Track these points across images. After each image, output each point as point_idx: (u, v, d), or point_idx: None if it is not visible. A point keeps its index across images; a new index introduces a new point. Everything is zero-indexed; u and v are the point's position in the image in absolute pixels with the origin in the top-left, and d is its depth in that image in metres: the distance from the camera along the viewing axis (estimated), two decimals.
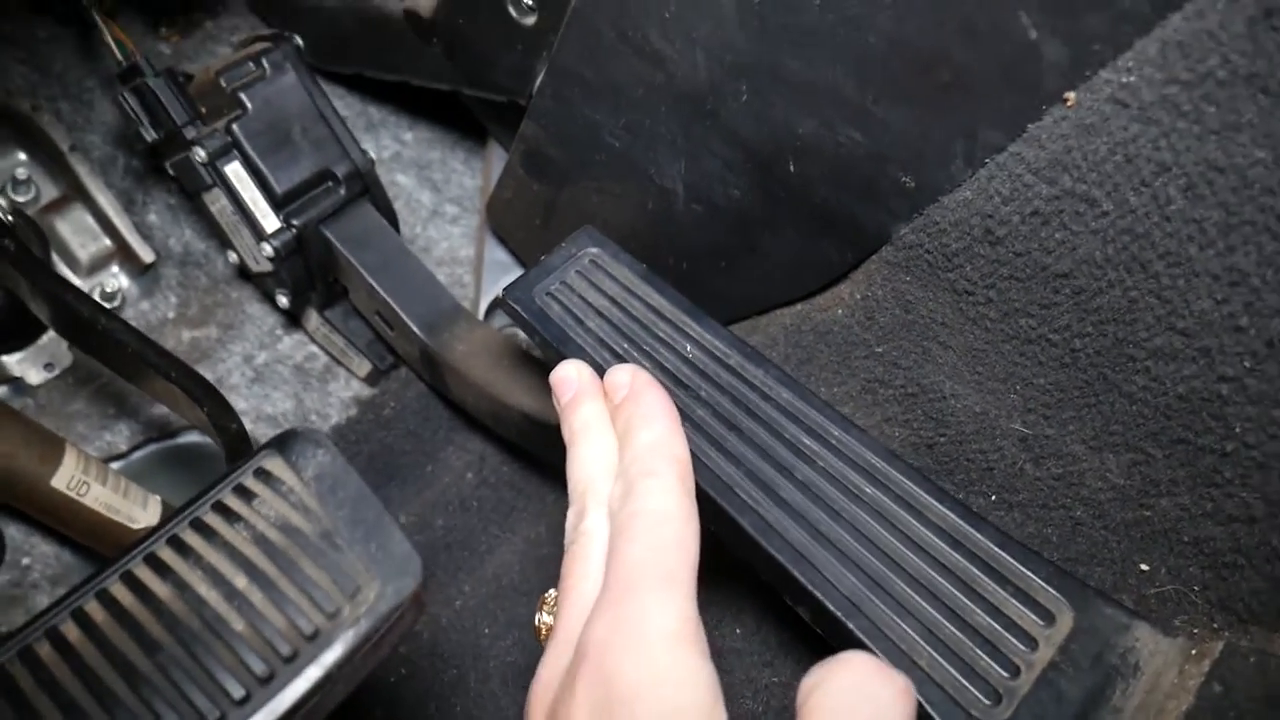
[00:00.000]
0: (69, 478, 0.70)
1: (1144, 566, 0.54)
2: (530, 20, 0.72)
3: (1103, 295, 0.50)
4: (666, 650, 0.39)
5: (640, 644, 0.39)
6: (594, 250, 0.65)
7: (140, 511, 0.74)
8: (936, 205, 0.56)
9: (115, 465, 0.82)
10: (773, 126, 0.61)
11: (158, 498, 0.76)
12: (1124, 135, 0.46)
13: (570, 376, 0.54)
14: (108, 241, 0.89)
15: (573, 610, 0.44)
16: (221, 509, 0.45)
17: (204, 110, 0.80)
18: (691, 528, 0.45)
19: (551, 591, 0.52)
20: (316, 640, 0.41)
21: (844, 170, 0.59)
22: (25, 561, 0.76)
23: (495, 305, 0.93)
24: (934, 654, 0.48)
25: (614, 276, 0.64)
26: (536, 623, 0.52)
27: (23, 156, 0.89)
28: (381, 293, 0.81)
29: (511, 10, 0.73)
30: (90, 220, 0.89)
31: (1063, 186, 0.49)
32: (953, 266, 0.57)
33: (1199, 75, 0.43)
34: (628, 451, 0.48)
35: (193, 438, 0.84)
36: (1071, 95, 0.48)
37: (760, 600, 0.67)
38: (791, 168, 0.61)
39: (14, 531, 0.76)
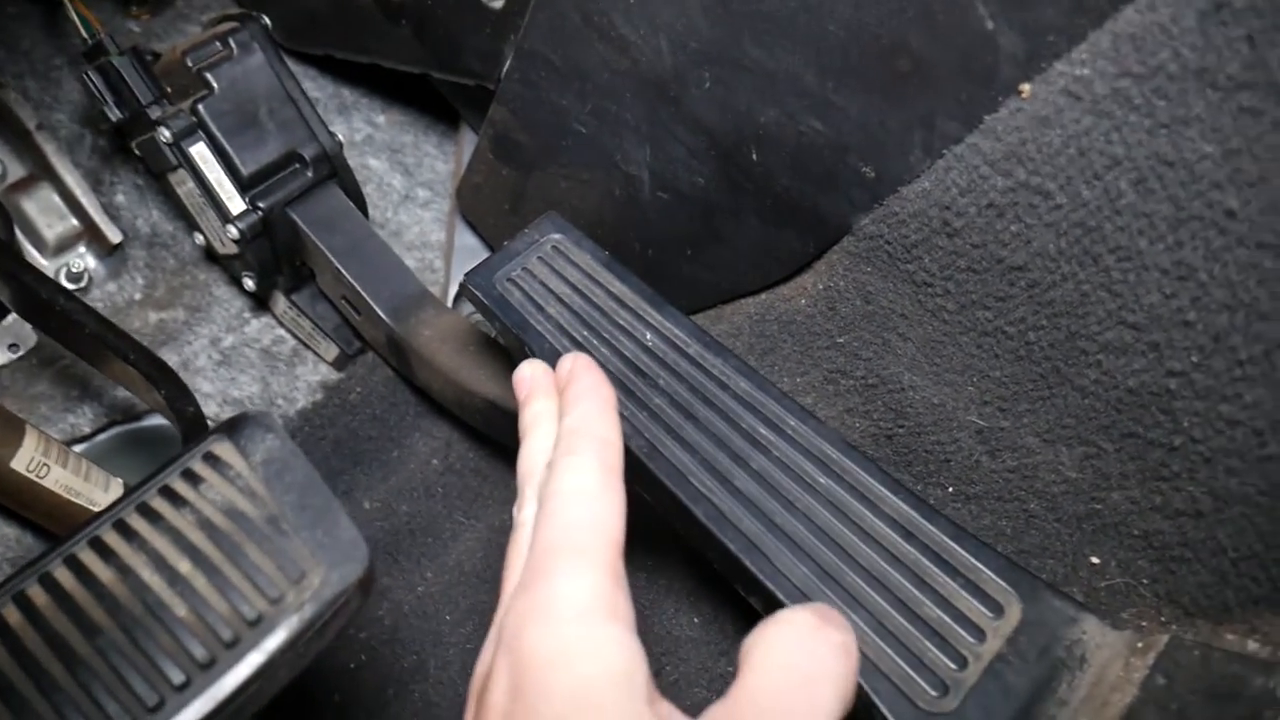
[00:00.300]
0: (28, 459, 0.70)
1: (1094, 559, 0.54)
2: (498, 3, 0.72)
3: (1056, 289, 0.50)
4: (576, 624, 0.39)
5: (548, 621, 0.39)
6: (557, 236, 0.65)
7: (101, 494, 0.73)
8: (896, 196, 0.56)
9: (78, 448, 0.81)
10: (735, 114, 0.61)
11: (119, 480, 0.75)
12: (1077, 128, 0.46)
13: (525, 375, 0.54)
14: (75, 222, 0.88)
15: (503, 599, 0.44)
16: (168, 493, 0.45)
17: (170, 90, 0.79)
18: (607, 503, 0.44)
19: None
20: (259, 626, 0.41)
21: (805, 159, 0.59)
22: None
23: (460, 289, 0.93)
24: (882, 645, 0.48)
25: (576, 263, 0.64)
26: None
27: None
28: (348, 277, 0.80)
29: None
30: (57, 200, 0.88)
31: (1017, 179, 0.49)
32: (912, 258, 0.57)
33: (1150, 69, 0.43)
34: (561, 435, 0.48)
35: (156, 421, 0.83)
36: (1027, 87, 0.48)
37: (717, 590, 0.68)
38: (754, 156, 0.61)
39: None
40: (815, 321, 0.66)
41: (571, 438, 0.47)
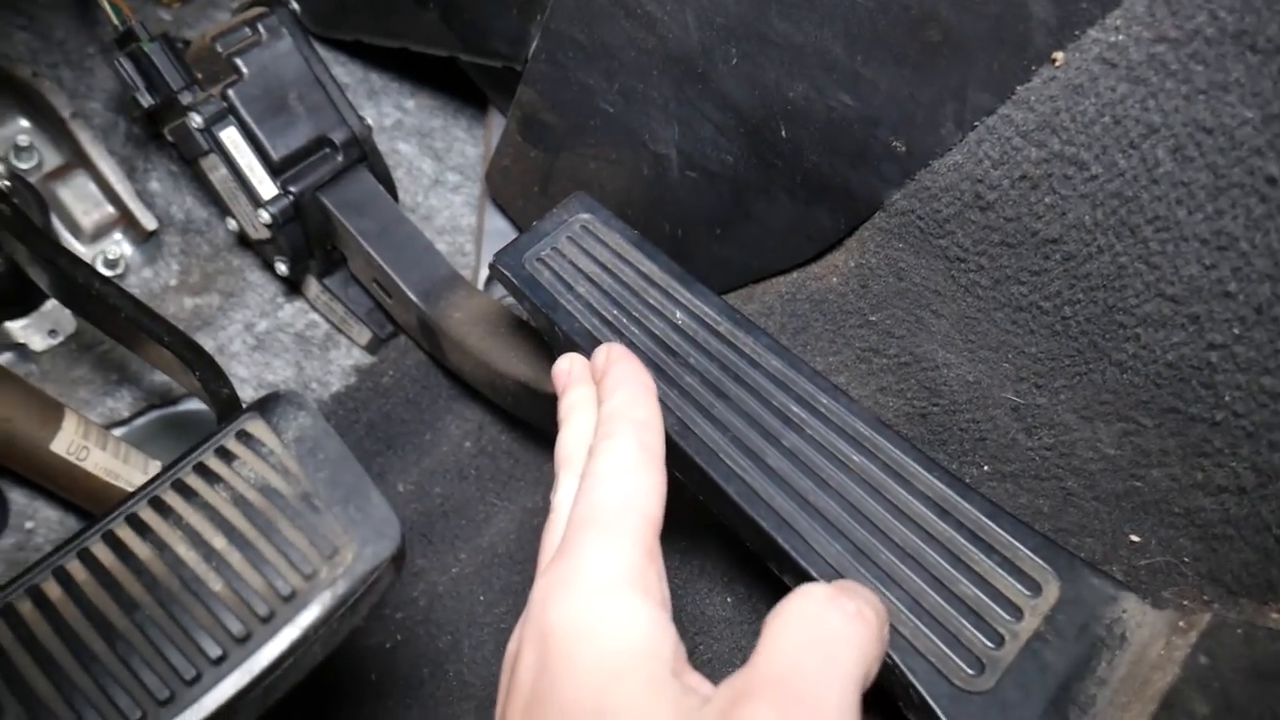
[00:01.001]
0: (69, 443, 0.71)
1: (1134, 538, 0.53)
2: None
3: (1092, 261, 0.50)
4: (601, 596, 0.39)
5: (574, 592, 0.39)
6: (586, 216, 0.65)
7: (140, 476, 0.74)
8: (927, 170, 0.55)
9: (117, 431, 0.82)
10: (763, 90, 0.60)
11: (158, 463, 0.76)
12: (1112, 96, 0.45)
13: (563, 368, 0.55)
14: (110, 209, 0.89)
15: (536, 580, 0.44)
16: (202, 470, 0.45)
17: (200, 76, 0.80)
18: (644, 481, 0.44)
19: None
20: (293, 601, 0.41)
21: (835, 135, 0.58)
22: (29, 525, 0.77)
23: (492, 274, 0.93)
24: (918, 623, 0.48)
25: (605, 242, 0.63)
26: None
27: (25, 123, 0.89)
28: (379, 260, 0.81)
29: None
30: (93, 187, 0.89)
31: (1051, 149, 0.49)
32: (944, 233, 0.57)
33: (1187, 33, 0.42)
34: (600, 421, 0.49)
35: (193, 405, 0.84)
36: (1060, 55, 0.47)
37: (751, 569, 0.67)
38: (783, 133, 0.61)
39: (18, 496, 0.77)
40: (847, 299, 0.65)
41: (610, 422, 0.47)
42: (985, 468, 0.60)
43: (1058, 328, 0.53)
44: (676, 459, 0.55)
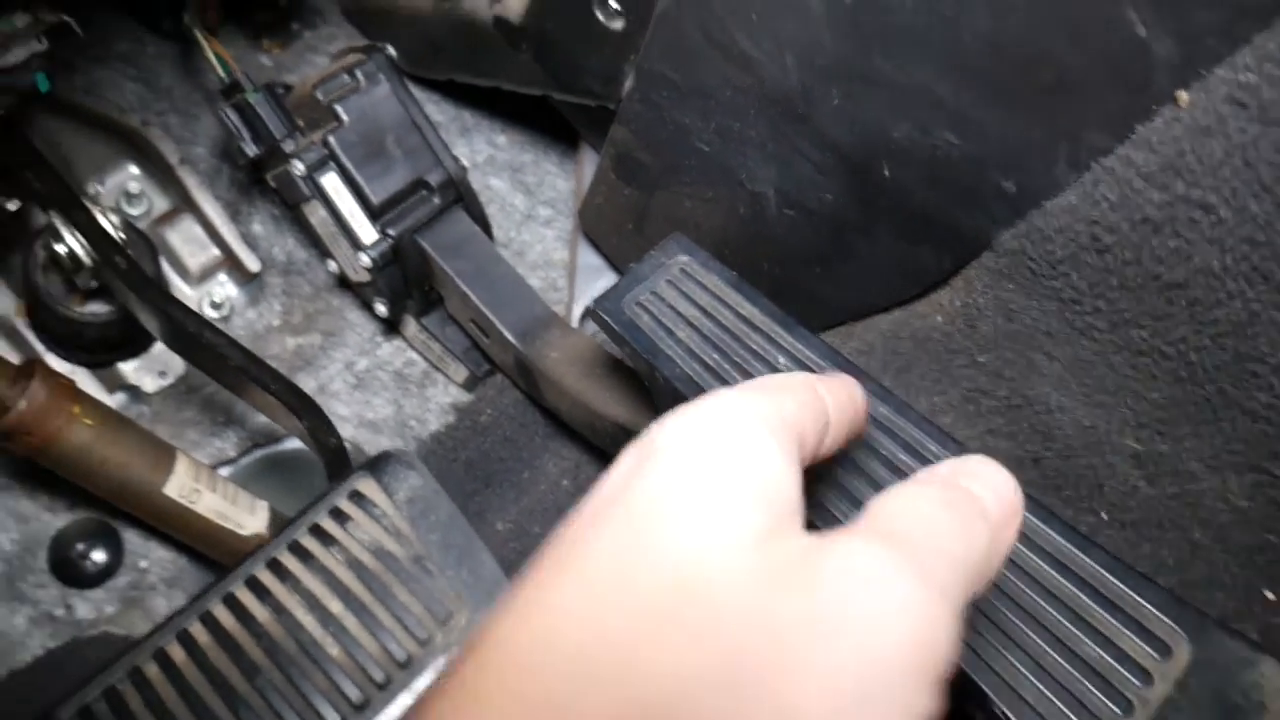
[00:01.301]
0: (181, 486, 0.73)
1: (1269, 594, 0.51)
2: (618, 24, 0.72)
3: (1221, 307, 0.47)
4: (733, 427, 0.35)
5: (698, 417, 0.36)
6: (684, 258, 0.64)
7: (248, 518, 0.76)
8: (1039, 211, 0.54)
9: (224, 471, 0.84)
10: (865, 130, 0.59)
11: (265, 503, 0.78)
12: (1242, 138, 0.43)
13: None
14: (216, 251, 0.92)
15: None
16: (318, 532, 0.46)
17: (302, 123, 0.81)
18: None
19: None
20: (409, 667, 0.41)
21: (941, 174, 0.57)
22: (143, 565, 0.79)
23: (588, 313, 0.93)
24: (1042, 688, 0.46)
25: (704, 285, 0.63)
26: None
27: (135, 170, 0.92)
28: (475, 300, 0.82)
29: (599, 14, 0.72)
30: (199, 231, 0.92)
31: (1176, 192, 0.47)
32: (1057, 274, 0.55)
33: None
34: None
35: (295, 444, 0.86)
36: (1184, 95, 0.45)
37: None
38: (886, 172, 0.60)
39: (131, 535, 0.80)
40: (953, 339, 0.63)
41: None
42: (1103, 515, 0.58)
43: (1182, 374, 0.51)
44: None
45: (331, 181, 0.80)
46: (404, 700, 0.40)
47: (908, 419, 0.55)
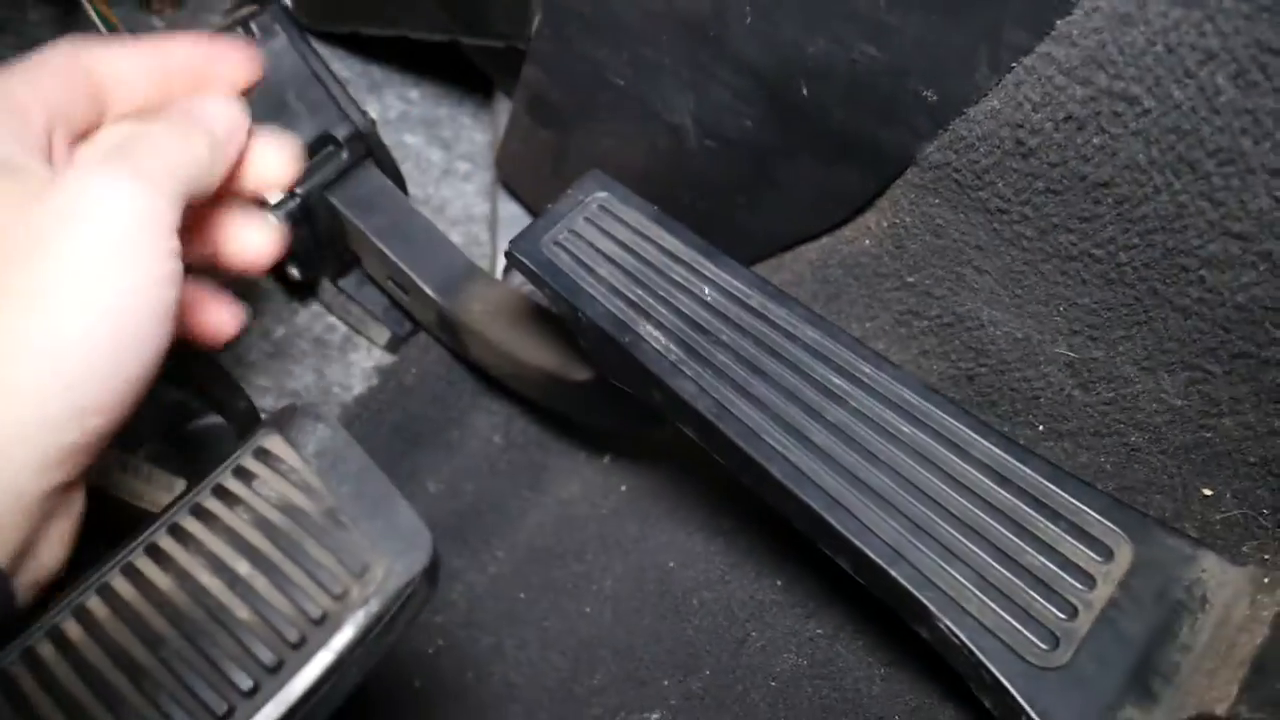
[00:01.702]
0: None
1: (1207, 491, 0.51)
2: None
3: (1148, 202, 0.46)
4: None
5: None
6: (602, 195, 0.62)
7: (166, 497, 0.73)
8: (962, 119, 0.52)
9: (139, 451, 0.81)
10: (781, 48, 0.57)
11: (182, 481, 0.75)
12: (1164, 23, 0.42)
13: None
14: None
15: None
16: (221, 492, 0.43)
17: None
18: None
19: None
20: (324, 624, 0.39)
21: (860, 89, 0.55)
22: None
23: (506, 257, 0.90)
24: (985, 599, 0.45)
25: (624, 221, 0.61)
26: None
27: None
28: (392, 257, 0.78)
29: None
30: None
31: (1099, 86, 0.45)
32: (984, 184, 0.53)
33: None
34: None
35: (214, 419, 0.82)
36: None
37: (798, 549, 0.65)
38: (805, 92, 0.58)
39: None
40: (882, 262, 0.62)
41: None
42: (1040, 428, 0.58)
43: (1112, 275, 0.50)
44: (715, 442, 0.53)
45: None
46: (322, 658, 0.38)
47: (840, 342, 0.53)
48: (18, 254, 0.39)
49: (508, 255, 0.61)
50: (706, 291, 0.57)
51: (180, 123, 0.48)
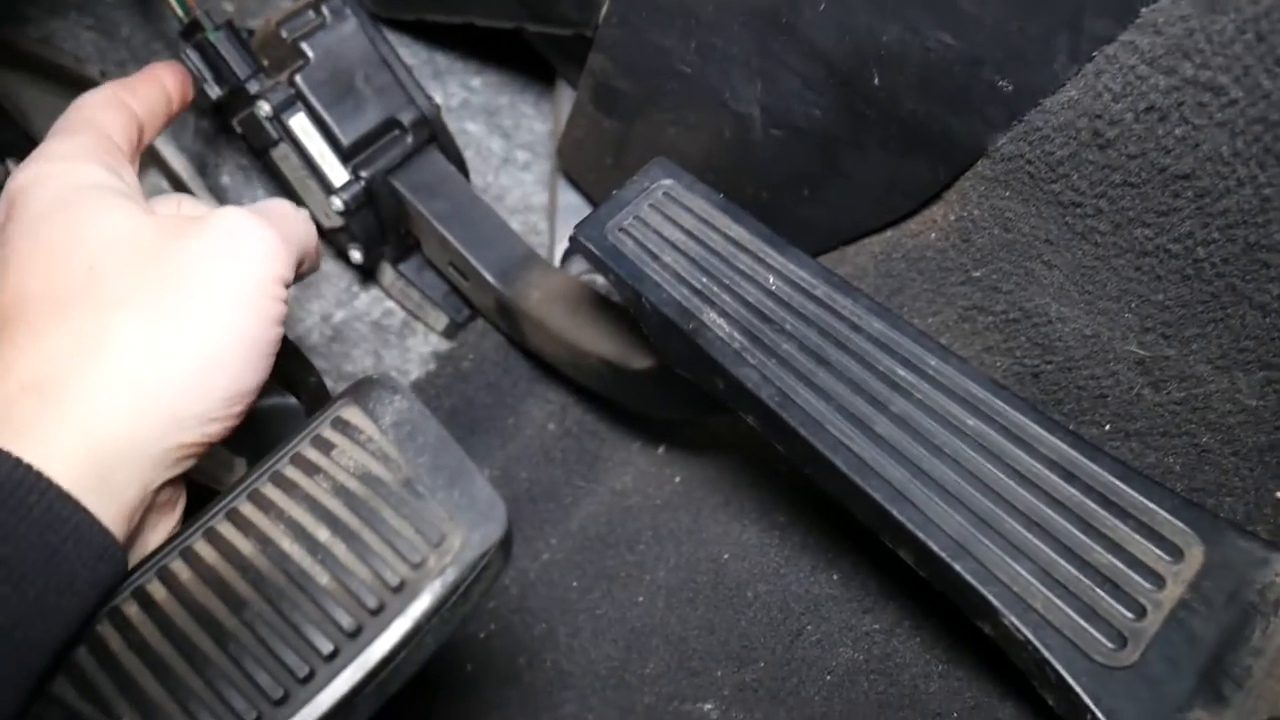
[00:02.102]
0: None
1: None
2: None
3: (1230, 196, 0.46)
4: (62, 161, 0.51)
5: (35, 160, 0.51)
6: (668, 182, 0.62)
7: (226, 475, 0.74)
8: (1038, 110, 0.52)
9: None
10: (853, 35, 0.57)
11: (242, 459, 0.76)
12: (1255, 10, 0.41)
13: None
14: None
15: None
16: (300, 461, 0.44)
17: (267, 63, 0.78)
18: (106, 115, 0.57)
19: None
20: (403, 592, 0.40)
21: (933, 78, 0.55)
22: None
23: (570, 250, 0.91)
24: (1051, 596, 0.45)
25: (689, 208, 0.61)
26: None
27: None
28: (453, 242, 0.79)
29: None
30: (165, 185, 0.89)
31: (1183, 75, 0.45)
32: (1057, 177, 0.53)
33: None
34: None
35: (273, 399, 0.83)
36: None
37: (855, 544, 0.65)
38: (876, 80, 0.57)
39: None
40: (947, 255, 0.62)
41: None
42: (1106, 427, 0.57)
43: (1189, 271, 0.49)
44: (779, 431, 0.53)
45: (300, 122, 0.77)
46: (400, 625, 0.39)
47: (905, 334, 0.53)
48: (172, 280, 0.46)
49: (572, 240, 0.61)
50: (771, 280, 0.57)
51: (286, 207, 0.56)
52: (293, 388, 0.61)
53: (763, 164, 0.68)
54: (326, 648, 0.38)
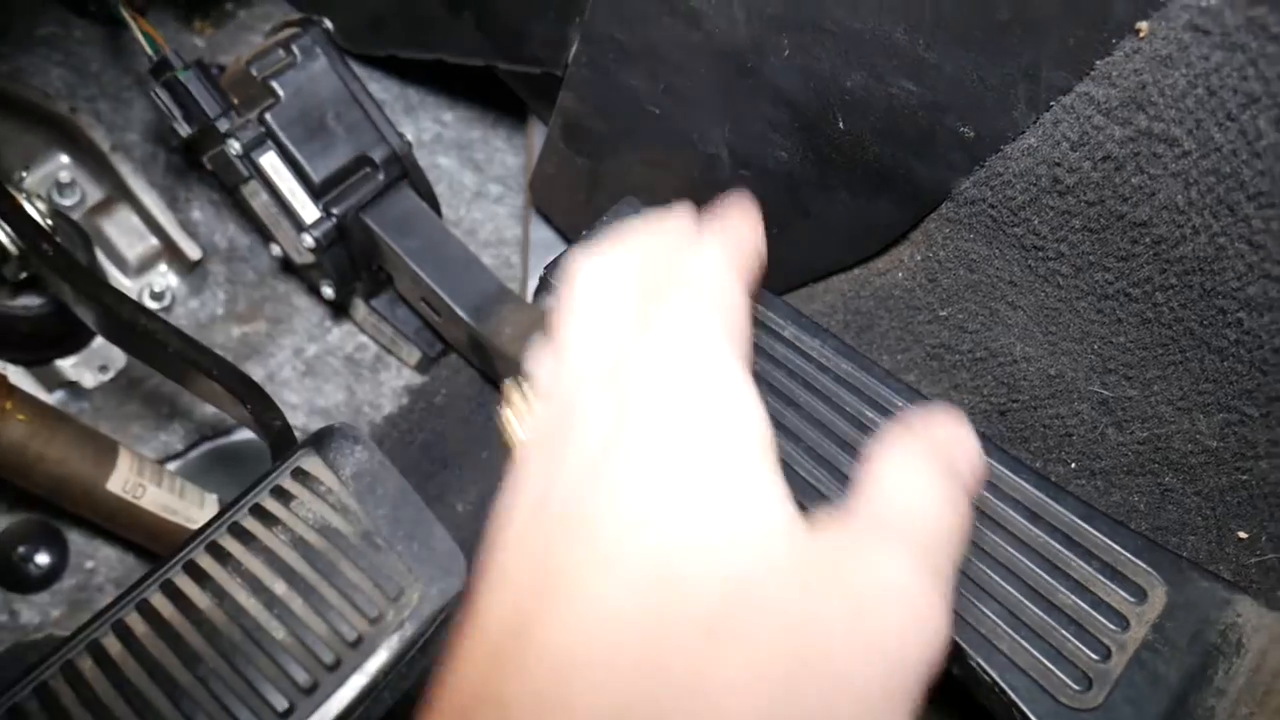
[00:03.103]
0: (124, 481, 0.70)
1: (1242, 534, 0.50)
2: None
3: (1186, 244, 0.46)
4: (701, 354, 0.34)
5: (668, 346, 0.34)
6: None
7: (198, 511, 0.73)
8: (999, 156, 0.52)
9: (172, 465, 0.81)
10: (818, 81, 0.57)
11: (214, 496, 0.75)
12: (1205, 65, 0.42)
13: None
14: (154, 241, 0.89)
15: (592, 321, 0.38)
16: (259, 512, 0.44)
17: (237, 101, 0.78)
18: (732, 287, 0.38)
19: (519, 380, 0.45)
20: (360, 647, 0.39)
21: (897, 124, 0.55)
22: (89, 565, 0.76)
23: (541, 288, 0.91)
24: (1016, 637, 0.45)
25: None
26: (505, 416, 0.44)
27: (65, 159, 0.88)
28: (425, 279, 0.79)
29: None
30: (136, 220, 0.89)
31: (1138, 126, 0.45)
32: (1019, 221, 0.54)
33: None
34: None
35: (246, 435, 0.83)
36: (1144, 25, 0.44)
37: None
38: (841, 124, 0.58)
39: (76, 536, 0.77)
40: (915, 295, 0.62)
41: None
42: (1072, 465, 0.57)
43: (1148, 315, 0.50)
44: None
45: (270, 160, 0.77)
46: (357, 681, 0.38)
47: (872, 375, 0.54)
48: (793, 644, 0.29)
49: (542, 280, 0.62)
50: None
51: (948, 474, 0.35)
52: (256, 428, 0.61)
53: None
54: (282, 705, 0.38)
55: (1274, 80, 0.40)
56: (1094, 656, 0.44)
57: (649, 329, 0.35)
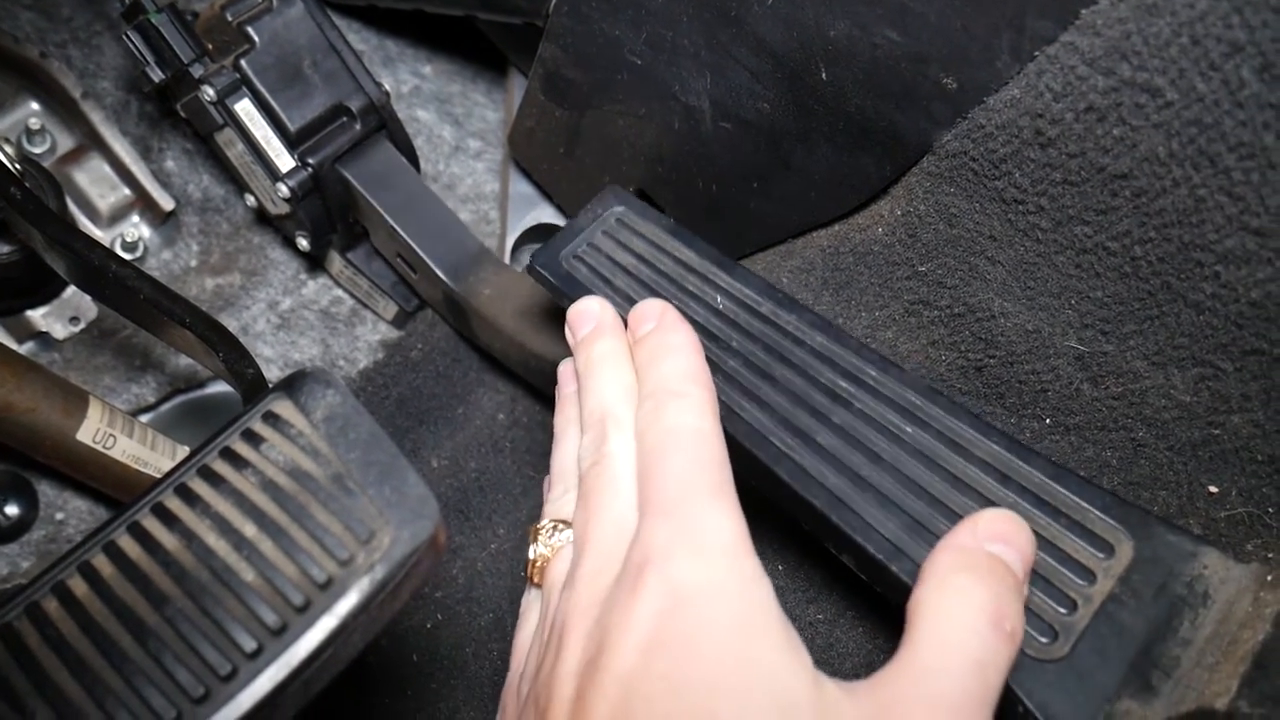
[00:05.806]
0: (94, 431, 0.69)
1: (1212, 489, 0.50)
2: None
3: (1166, 196, 0.46)
4: (727, 559, 0.40)
5: (702, 552, 0.39)
6: (619, 209, 0.63)
7: (169, 463, 0.73)
8: (981, 107, 0.52)
9: (144, 418, 0.81)
10: (802, 30, 0.56)
11: (186, 448, 0.75)
12: (1190, 14, 0.42)
13: (592, 310, 0.54)
14: (126, 191, 0.87)
15: (608, 528, 0.44)
16: (229, 455, 0.43)
17: (212, 47, 0.77)
18: (724, 449, 0.45)
19: (545, 522, 0.51)
20: (330, 589, 0.39)
21: (880, 74, 0.55)
22: (59, 516, 0.76)
23: (520, 244, 0.90)
24: None
25: (640, 233, 0.62)
26: (531, 555, 0.50)
27: (35, 106, 0.87)
28: (403, 235, 0.78)
29: None
30: (108, 169, 0.87)
31: (1121, 76, 0.45)
32: (1000, 174, 0.53)
33: None
34: (652, 377, 0.48)
35: (220, 388, 0.82)
36: None
37: (801, 537, 0.65)
38: (824, 75, 0.57)
39: (46, 487, 0.76)
40: (894, 250, 0.62)
41: (680, 382, 0.47)
42: (1047, 420, 0.57)
43: (1126, 269, 0.50)
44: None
45: (245, 108, 0.76)
46: (326, 623, 0.38)
47: (846, 347, 0.54)
48: None
49: (529, 269, 0.62)
50: (718, 299, 0.58)
51: (1007, 613, 0.40)
52: (230, 378, 0.60)
53: (712, 156, 0.68)
54: (250, 645, 0.38)
55: (1258, 28, 0.40)
56: (1060, 610, 0.44)
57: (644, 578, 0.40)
